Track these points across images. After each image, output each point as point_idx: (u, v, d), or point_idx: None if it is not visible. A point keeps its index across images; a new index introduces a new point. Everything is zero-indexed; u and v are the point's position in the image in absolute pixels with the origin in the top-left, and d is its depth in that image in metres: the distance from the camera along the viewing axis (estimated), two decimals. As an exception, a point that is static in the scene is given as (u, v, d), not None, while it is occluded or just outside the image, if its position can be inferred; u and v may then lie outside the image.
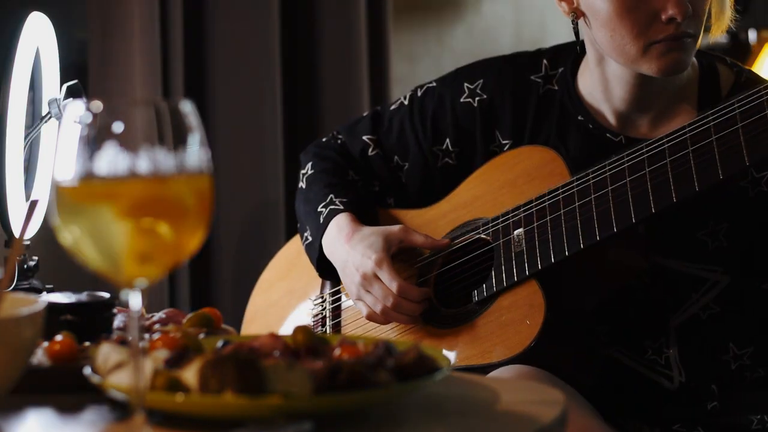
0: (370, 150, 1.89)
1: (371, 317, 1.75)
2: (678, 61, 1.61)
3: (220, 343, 1.11)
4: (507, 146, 1.78)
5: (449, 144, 1.83)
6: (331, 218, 1.79)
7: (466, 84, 1.82)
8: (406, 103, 1.88)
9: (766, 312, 1.69)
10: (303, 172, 1.93)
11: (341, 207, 1.80)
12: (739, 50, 3.41)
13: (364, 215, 1.81)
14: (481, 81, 1.81)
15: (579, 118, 1.74)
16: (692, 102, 1.69)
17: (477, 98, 1.80)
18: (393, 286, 1.69)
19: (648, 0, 1.59)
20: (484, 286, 1.69)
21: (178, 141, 0.89)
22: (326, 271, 1.83)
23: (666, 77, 1.64)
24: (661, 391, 1.68)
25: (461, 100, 1.82)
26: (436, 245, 1.75)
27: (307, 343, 1.10)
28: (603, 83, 1.71)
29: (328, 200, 1.82)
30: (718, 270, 1.66)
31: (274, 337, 1.09)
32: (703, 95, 1.69)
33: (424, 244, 1.75)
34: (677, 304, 1.68)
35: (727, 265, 1.66)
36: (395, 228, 1.75)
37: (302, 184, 1.92)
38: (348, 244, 1.74)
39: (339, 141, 1.94)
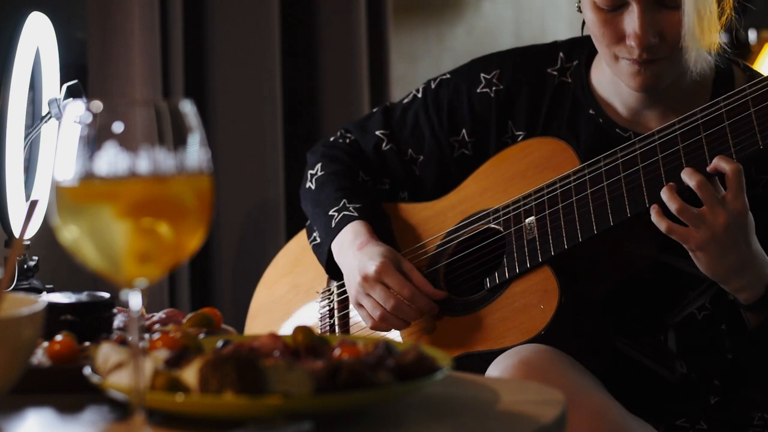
0: (384, 145, 1.89)
1: (375, 327, 1.73)
2: (649, 81, 1.63)
3: (220, 343, 1.11)
4: (520, 137, 1.78)
5: (465, 134, 1.83)
6: (345, 224, 1.79)
7: (482, 74, 1.82)
8: (419, 96, 1.88)
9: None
10: (311, 172, 1.92)
11: (356, 214, 1.79)
12: (739, 50, 3.40)
13: (376, 220, 1.80)
14: (498, 71, 1.81)
15: (590, 111, 1.75)
16: (704, 102, 1.69)
17: (494, 88, 1.81)
18: (404, 291, 1.68)
19: (617, 21, 1.61)
20: (496, 273, 1.68)
21: (178, 141, 0.89)
22: (335, 273, 1.83)
23: (644, 94, 1.66)
24: (664, 385, 1.68)
25: (478, 90, 1.82)
26: (433, 294, 1.71)
27: (307, 343, 1.10)
28: (613, 76, 1.71)
29: (341, 205, 1.81)
30: None
31: (274, 337, 1.09)
32: (716, 96, 1.68)
33: (421, 286, 1.71)
34: (674, 301, 1.68)
35: None
36: (407, 261, 1.73)
37: (310, 185, 1.91)
38: (359, 251, 1.73)
39: (348, 140, 1.94)
